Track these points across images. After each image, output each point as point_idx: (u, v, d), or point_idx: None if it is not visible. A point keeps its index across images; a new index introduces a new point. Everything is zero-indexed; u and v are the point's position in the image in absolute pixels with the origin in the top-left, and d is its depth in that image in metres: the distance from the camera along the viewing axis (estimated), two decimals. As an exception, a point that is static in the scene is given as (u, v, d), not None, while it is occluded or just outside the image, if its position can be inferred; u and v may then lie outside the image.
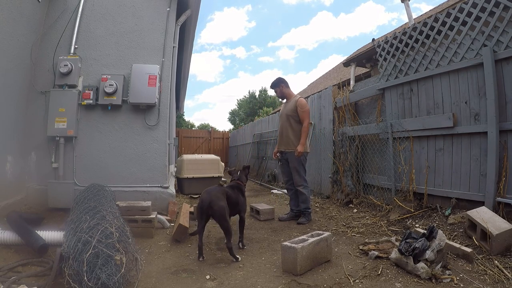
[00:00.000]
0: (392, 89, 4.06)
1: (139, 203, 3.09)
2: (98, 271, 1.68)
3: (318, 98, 5.79)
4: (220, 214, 2.41)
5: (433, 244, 2.10)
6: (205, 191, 2.56)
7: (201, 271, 2.27)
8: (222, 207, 2.44)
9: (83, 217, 2.18)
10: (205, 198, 2.45)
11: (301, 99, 3.92)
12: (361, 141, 4.47)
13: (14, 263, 2.14)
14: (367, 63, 7.24)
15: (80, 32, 3.92)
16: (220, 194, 2.54)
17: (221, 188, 2.67)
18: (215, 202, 2.43)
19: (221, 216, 2.42)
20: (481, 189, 2.91)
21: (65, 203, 3.36)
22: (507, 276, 1.97)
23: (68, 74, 3.70)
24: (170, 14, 4.17)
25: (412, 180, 3.59)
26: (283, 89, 4.08)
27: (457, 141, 3.21)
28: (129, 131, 3.95)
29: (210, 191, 2.53)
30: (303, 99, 3.95)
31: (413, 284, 1.97)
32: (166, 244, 2.87)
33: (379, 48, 4.32)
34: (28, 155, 3.69)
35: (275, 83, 4.13)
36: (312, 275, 2.16)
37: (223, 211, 2.43)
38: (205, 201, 2.43)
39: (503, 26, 2.76)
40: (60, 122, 3.66)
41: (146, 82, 3.82)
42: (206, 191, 2.55)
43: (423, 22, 3.61)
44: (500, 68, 2.82)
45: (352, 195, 4.53)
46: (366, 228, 3.31)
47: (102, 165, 3.86)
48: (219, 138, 15.45)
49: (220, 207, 2.42)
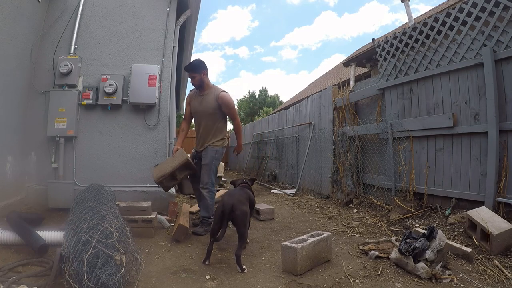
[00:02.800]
0: (392, 89, 4.06)
1: (139, 203, 3.08)
2: (98, 271, 1.68)
3: (318, 98, 5.79)
4: (241, 220, 2.28)
5: (433, 244, 2.10)
6: (228, 193, 2.49)
7: (201, 271, 2.26)
8: (244, 212, 2.32)
9: (83, 217, 2.18)
10: (228, 201, 2.32)
11: (224, 94, 3.25)
12: (361, 141, 4.47)
13: (14, 263, 2.14)
14: (367, 63, 7.25)
15: (80, 32, 3.92)
16: (243, 198, 2.45)
17: (244, 191, 2.61)
18: (237, 207, 2.29)
19: (241, 222, 2.28)
20: (481, 189, 2.91)
21: (65, 203, 3.36)
22: (507, 276, 1.97)
23: (68, 74, 3.70)
24: (170, 14, 4.16)
25: (412, 180, 3.59)
26: (204, 77, 3.27)
27: (457, 141, 3.21)
28: (129, 131, 3.95)
29: (233, 194, 2.45)
30: (226, 93, 3.28)
31: (413, 284, 1.97)
32: (166, 244, 2.87)
33: (379, 48, 4.32)
34: (28, 155, 3.69)
35: (195, 66, 3.25)
36: (312, 275, 2.16)
37: (244, 216, 2.31)
38: (228, 204, 2.29)
39: (503, 26, 2.76)
40: (60, 122, 3.67)
41: (146, 82, 3.83)
42: (229, 193, 2.48)
43: (423, 22, 3.61)
44: (500, 68, 2.82)
45: (352, 195, 4.53)
46: (366, 228, 3.31)
47: (102, 165, 3.86)
48: (219, 138, 15.40)
49: (242, 212, 2.30)
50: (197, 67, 3.24)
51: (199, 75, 3.23)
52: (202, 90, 3.33)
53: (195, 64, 3.27)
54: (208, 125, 3.30)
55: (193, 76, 3.25)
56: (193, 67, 3.26)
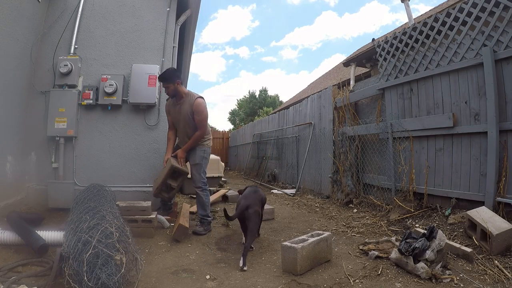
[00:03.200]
0: (392, 89, 4.06)
1: (139, 203, 3.08)
2: (98, 271, 1.68)
3: (318, 98, 5.79)
4: (253, 220, 2.60)
5: (433, 244, 2.10)
6: (243, 196, 2.77)
7: (201, 271, 2.27)
8: (256, 212, 2.64)
9: (83, 217, 2.18)
10: (243, 203, 2.64)
11: (198, 101, 3.19)
12: (361, 141, 4.47)
13: (14, 263, 2.14)
14: (367, 63, 7.25)
15: (80, 32, 3.92)
16: (257, 201, 2.76)
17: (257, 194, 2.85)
18: (251, 207, 2.62)
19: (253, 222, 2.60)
20: (481, 189, 2.91)
21: (65, 203, 3.35)
22: (507, 276, 1.97)
23: (68, 74, 3.70)
24: (170, 14, 4.16)
25: (412, 180, 3.59)
26: (178, 86, 3.22)
27: (457, 141, 3.21)
28: (129, 131, 3.95)
29: (248, 197, 2.73)
30: (201, 100, 3.22)
31: (413, 284, 1.97)
32: (166, 244, 2.87)
33: (379, 48, 4.32)
34: (28, 155, 3.69)
35: (168, 76, 3.19)
36: (312, 275, 2.16)
37: (256, 217, 2.64)
38: (243, 205, 2.62)
39: (503, 26, 2.76)
40: (60, 122, 3.67)
41: (146, 82, 3.83)
42: (244, 196, 2.76)
43: (423, 22, 3.61)
44: (500, 68, 2.82)
45: (352, 195, 4.53)
46: (366, 228, 3.31)
47: (102, 165, 3.86)
48: (219, 138, 15.44)
49: (254, 212, 2.62)
50: (170, 77, 3.19)
51: (173, 85, 3.20)
52: (178, 99, 3.30)
53: (168, 74, 3.21)
54: (190, 132, 3.30)
55: (167, 86, 3.22)
56: (166, 77, 3.20)
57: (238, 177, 10.03)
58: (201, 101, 3.23)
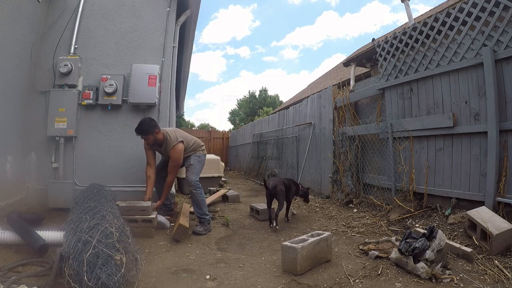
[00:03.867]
0: (392, 89, 4.06)
1: (139, 203, 3.08)
2: (98, 271, 1.68)
3: (318, 98, 5.79)
4: (279, 194, 3.49)
5: (433, 244, 2.11)
6: (272, 179, 3.72)
7: (201, 271, 2.27)
8: (281, 190, 3.53)
9: (83, 217, 2.18)
10: (272, 183, 3.54)
11: (173, 150, 3.24)
12: (361, 141, 4.47)
13: (14, 263, 2.14)
14: (367, 63, 7.24)
15: (80, 32, 3.92)
16: (280, 183, 3.59)
17: (280, 179, 3.77)
18: (278, 186, 3.51)
19: (279, 196, 3.49)
20: (481, 189, 2.91)
21: (65, 203, 3.36)
22: (507, 276, 1.98)
23: (68, 74, 3.70)
24: (170, 14, 4.17)
25: (412, 180, 3.59)
26: (157, 135, 3.24)
27: (457, 141, 3.21)
28: (129, 131, 3.94)
29: (274, 180, 3.67)
30: (177, 148, 3.25)
31: (413, 284, 1.97)
32: (166, 244, 2.87)
33: (379, 48, 4.32)
34: (28, 155, 3.69)
35: (146, 128, 3.16)
36: (312, 275, 2.16)
37: (281, 192, 3.51)
38: (272, 185, 3.51)
39: (503, 26, 2.76)
40: (60, 122, 3.67)
41: (146, 82, 3.83)
42: (272, 179, 3.72)
43: (423, 22, 3.61)
44: (500, 68, 2.82)
45: (352, 195, 4.53)
46: (366, 228, 3.31)
47: (102, 165, 3.86)
48: (219, 138, 15.43)
49: (280, 189, 3.51)
50: (148, 129, 3.18)
51: (152, 136, 3.22)
52: (159, 145, 3.36)
53: (146, 127, 3.17)
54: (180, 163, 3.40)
55: (146, 138, 3.22)
56: (144, 130, 3.17)
57: (238, 177, 10.03)
58: (177, 149, 3.27)
